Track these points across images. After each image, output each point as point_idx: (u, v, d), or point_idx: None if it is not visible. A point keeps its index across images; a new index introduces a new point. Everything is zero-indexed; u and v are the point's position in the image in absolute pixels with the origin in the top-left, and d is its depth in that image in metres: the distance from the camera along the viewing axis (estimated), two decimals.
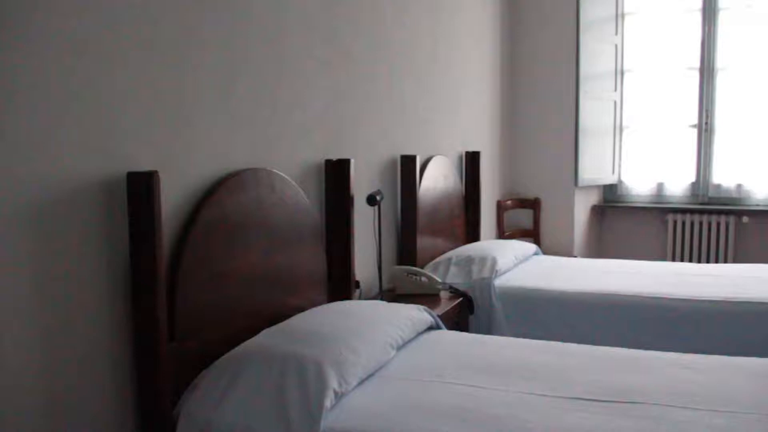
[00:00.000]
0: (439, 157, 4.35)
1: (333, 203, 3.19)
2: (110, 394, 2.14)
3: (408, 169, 3.88)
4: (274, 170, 2.79)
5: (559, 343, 2.91)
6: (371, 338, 2.54)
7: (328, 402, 2.14)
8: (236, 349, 2.39)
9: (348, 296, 3.21)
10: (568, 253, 5.78)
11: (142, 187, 2.08)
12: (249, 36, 2.71)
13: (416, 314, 2.90)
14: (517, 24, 5.94)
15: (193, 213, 2.39)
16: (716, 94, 5.90)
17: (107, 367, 2.13)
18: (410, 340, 2.79)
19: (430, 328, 3.01)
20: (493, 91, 5.58)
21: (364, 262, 3.46)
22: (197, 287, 2.37)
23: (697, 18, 5.90)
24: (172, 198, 2.31)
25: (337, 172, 3.18)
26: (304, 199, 2.96)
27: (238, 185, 2.57)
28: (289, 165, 2.94)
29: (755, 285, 3.79)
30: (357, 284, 3.34)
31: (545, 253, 5.57)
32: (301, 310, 2.81)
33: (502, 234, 5.70)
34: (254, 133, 2.76)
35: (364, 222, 3.41)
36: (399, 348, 2.68)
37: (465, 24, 4.97)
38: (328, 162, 3.18)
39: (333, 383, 2.20)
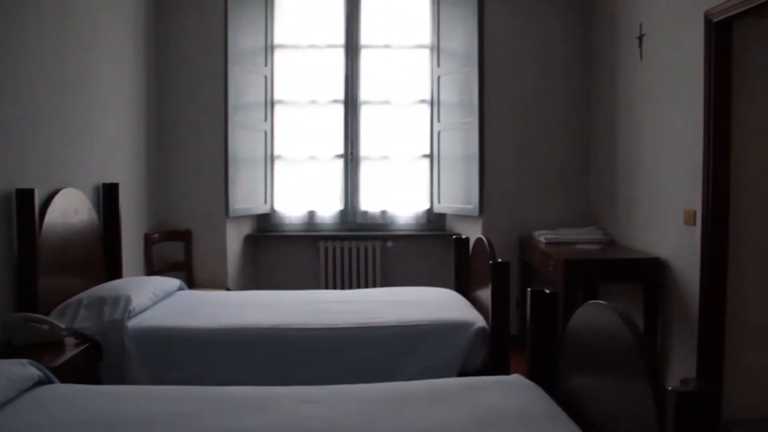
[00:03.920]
0: (68, 189, 3.97)
1: None
2: None
3: (25, 204, 3.46)
4: None
5: (179, 388, 2.74)
6: None
7: None
8: None
9: None
10: (223, 286, 5.67)
11: None
12: None
13: (17, 370, 2.57)
14: (165, 52, 5.72)
15: None
16: (360, 127, 6.21)
17: None
18: (9, 401, 2.46)
19: (41, 382, 2.70)
20: (137, 121, 5.30)
21: None
22: None
23: (341, 54, 6.16)
24: None
25: None
26: None
27: None
28: None
29: (383, 309, 3.96)
30: None
31: (199, 286, 5.43)
32: None
33: (151, 269, 5.40)
34: None
35: None
36: None
37: (102, 49, 4.63)
38: None
39: None
